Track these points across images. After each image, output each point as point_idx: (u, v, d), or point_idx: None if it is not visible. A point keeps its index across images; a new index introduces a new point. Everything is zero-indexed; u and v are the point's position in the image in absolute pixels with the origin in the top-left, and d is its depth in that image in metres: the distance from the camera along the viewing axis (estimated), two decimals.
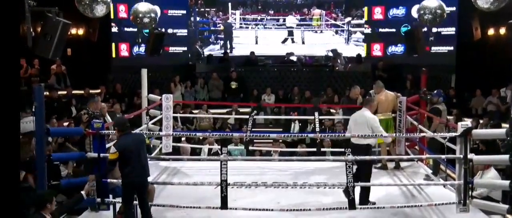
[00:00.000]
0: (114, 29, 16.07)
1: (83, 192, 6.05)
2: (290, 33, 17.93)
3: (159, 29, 11.61)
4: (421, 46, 9.78)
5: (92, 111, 8.11)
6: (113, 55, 16.30)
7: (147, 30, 11.45)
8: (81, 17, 8.63)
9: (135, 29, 11.05)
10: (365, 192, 6.86)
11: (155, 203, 6.51)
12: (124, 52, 16.23)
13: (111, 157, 5.90)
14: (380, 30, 16.76)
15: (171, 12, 16.70)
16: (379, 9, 16.77)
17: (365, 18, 16.95)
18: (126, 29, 15.90)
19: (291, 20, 17.98)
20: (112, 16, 15.70)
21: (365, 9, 16.94)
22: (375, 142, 7.53)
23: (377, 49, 16.87)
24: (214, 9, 17.72)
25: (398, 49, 16.64)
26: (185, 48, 17.07)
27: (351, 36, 17.56)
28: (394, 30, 16.48)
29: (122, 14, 16.00)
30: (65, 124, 10.98)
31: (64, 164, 8.37)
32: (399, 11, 16.51)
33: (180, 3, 16.91)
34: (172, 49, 16.80)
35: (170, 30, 16.48)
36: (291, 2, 17.89)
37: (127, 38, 15.92)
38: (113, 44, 16.22)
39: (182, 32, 17.00)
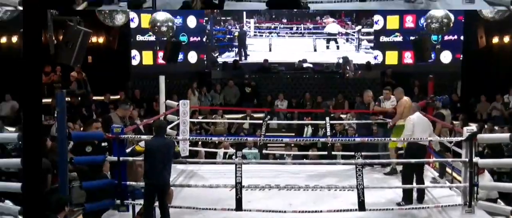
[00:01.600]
0: (152, 38, 15.95)
1: None
2: (330, 41, 18.13)
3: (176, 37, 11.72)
4: (429, 54, 9.98)
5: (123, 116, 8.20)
6: (151, 63, 16.33)
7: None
8: (101, 25, 8.86)
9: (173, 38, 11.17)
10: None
11: (173, 205, 6.65)
12: (161, 60, 16.34)
13: (137, 148, 6.27)
14: (411, 38, 16.46)
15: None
16: (410, 18, 16.39)
17: (397, 26, 16.58)
18: (164, 38, 15.96)
19: (334, 27, 18.15)
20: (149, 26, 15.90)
21: (397, 17, 16.48)
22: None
23: (408, 57, 16.46)
24: (230, 18, 18.01)
25: None
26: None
27: (361, 44, 17.69)
28: None
29: None
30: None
31: None
32: None
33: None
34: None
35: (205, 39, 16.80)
36: (303, 11, 18.10)
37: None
38: (152, 52, 16.19)
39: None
